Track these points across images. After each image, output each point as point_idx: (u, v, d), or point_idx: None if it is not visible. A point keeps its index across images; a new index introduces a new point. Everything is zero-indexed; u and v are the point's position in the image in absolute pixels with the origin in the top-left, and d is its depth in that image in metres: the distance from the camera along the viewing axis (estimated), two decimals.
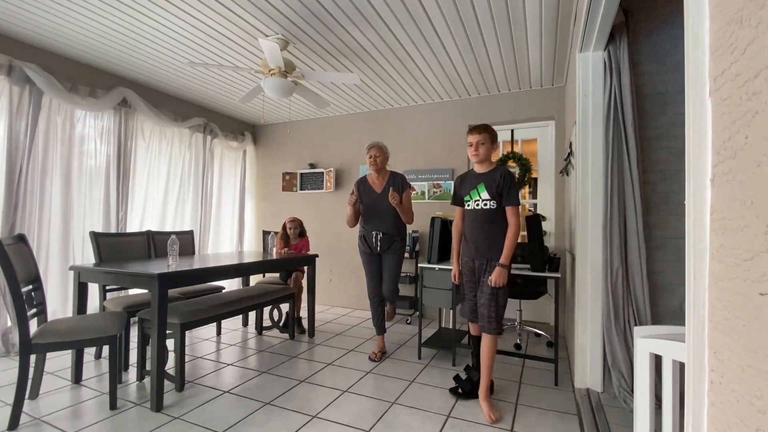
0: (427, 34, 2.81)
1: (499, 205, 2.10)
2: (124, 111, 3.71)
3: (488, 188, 2.11)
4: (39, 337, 1.94)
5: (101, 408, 2.07)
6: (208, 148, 4.67)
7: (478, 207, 2.15)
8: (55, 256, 3.22)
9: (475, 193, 2.16)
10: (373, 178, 2.93)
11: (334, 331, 3.62)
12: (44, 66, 3.10)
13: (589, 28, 2.01)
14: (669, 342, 1.16)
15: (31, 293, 2.14)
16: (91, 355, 2.83)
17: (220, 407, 2.10)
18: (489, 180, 2.12)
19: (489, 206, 2.11)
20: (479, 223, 2.15)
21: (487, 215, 2.12)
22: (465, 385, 2.25)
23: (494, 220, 2.10)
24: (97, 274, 2.35)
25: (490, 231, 2.10)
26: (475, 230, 2.16)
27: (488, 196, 2.11)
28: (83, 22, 2.73)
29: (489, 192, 2.11)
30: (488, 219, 2.12)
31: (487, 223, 2.12)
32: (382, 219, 2.85)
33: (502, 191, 2.07)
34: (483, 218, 2.13)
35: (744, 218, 0.44)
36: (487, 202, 2.12)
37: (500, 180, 2.08)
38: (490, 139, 2.14)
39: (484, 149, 2.13)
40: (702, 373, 0.54)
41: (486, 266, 2.11)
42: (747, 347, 0.43)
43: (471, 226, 2.20)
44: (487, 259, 2.11)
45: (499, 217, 2.10)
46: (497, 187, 2.08)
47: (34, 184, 3.09)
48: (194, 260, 2.83)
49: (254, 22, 2.68)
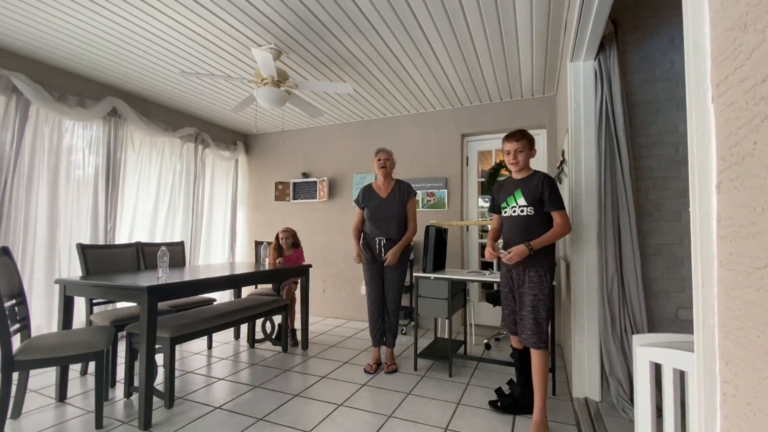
0: (419, 44, 2.83)
1: (537, 212, 2.00)
2: (113, 121, 3.66)
3: (526, 194, 2.03)
4: (22, 354, 1.87)
5: (87, 427, 1.99)
6: (200, 158, 4.63)
7: (515, 213, 2.07)
8: (40, 269, 3.14)
9: (512, 199, 2.08)
10: (378, 184, 2.92)
11: (328, 343, 3.56)
12: (32, 75, 3.06)
13: (580, 38, 2.04)
14: (669, 350, 1.15)
15: (14, 308, 2.06)
16: (77, 371, 2.74)
17: (211, 424, 2.03)
18: (527, 186, 2.04)
19: (526, 213, 2.02)
20: (517, 230, 2.05)
21: (524, 222, 2.03)
22: (506, 400, 2.20)
23: (532, 226, 2.00)
24: (83, 287, 2.28)
25: (529, 237, 1.98)
26: (513, 237, 2.05)
27: (525, 202, 2.02)
28: (72, 31, 2.70)
29: (526, 198, 2.02)
30: (526, 226, 2.02)
31: (524, 231, 2.01)
32: (386, 225, 2.82)
33: (543, 196, 1.98)
34: (520, 225, 2.04)
35: (755, 225, 0.43)
36: (524, 208, 2.03)
37: (539, 185, 1.99)
38: (528, 145, 2.07)
39: (523, 157, 2.05)
40: (713, 385, 0.52)
41: (524, 276, 2.01)
42: (763, 358, 0.42)
43: (508, 233, 2.11)
44: (524, 268, 2.01)
45: (537, 223, 2.00)
46: (536, 192, 1.99)
47: (20, 195, 3.02)
48: (185, 272, 2.77)
49: (247, 32, 2.67)
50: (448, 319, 2.77)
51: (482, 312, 4.10)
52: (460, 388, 2.54)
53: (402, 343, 3.56)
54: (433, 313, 2.79)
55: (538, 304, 1.97)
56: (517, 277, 2.06)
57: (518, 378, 2.23)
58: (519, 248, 1.95)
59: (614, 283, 2.10)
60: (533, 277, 1.99)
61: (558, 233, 1.97)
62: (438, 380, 2.67)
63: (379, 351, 2.93)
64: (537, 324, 1.96)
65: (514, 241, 2.02)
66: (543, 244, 1.95)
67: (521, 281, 2.03)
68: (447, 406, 2.26)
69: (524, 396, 2.17)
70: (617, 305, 2.09)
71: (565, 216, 1.98)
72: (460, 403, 2.31)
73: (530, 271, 2.00)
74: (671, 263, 2.15)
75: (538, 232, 1.98)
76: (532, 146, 2.09)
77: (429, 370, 2.87)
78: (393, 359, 2.91)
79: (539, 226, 2.00)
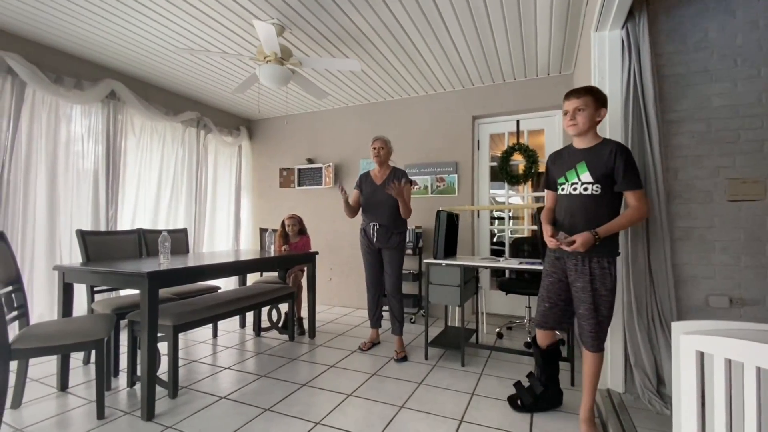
0: (430, 15, 2.66)
1: (605, 191, 1.64)
2: (112, 104, 3.55)
3: (591, 168, 1.65)
4: (19, 342, 1.79)
5: (88, 417, 1.92)
6: (202, 144, 4.51)
7: (576, 192, 1.69)
8: (41, 256, 3.06)
9: (573, 174, 1.70)
10: (375, 172, 2.97)
11: (335, 332, 3.48)
12: (27, 56, 2.94)
13: (608, 4, 1.87)
14: (721, 339, 1.03)
15: (11, 295, 1.98)
16: (79, 360, 2.68)
17: (216, 414, 1.96)
18: (594, 157, 1.66)
19: (591, 191, 1.65)
20: (577, 212, 1.68)
21: (588, 203, 1.65)
22: (526, 396, 1.97)
23: (598, 209, 1.64)
24: (83, 274, 2.19)
25: (593, 223, 1.62)
26: (573, 222, 1.69)
27: (591, 178, 1.64)
28: (68, 9, 2.57)
29: (593, 173, 1.64)
30: (590, 208, 1.65)
31: (588, 214, 1.65)
32: (380, 211, 2.85)
33: (615, 172, 1.61)
34: (583, 206, 1.67)
35: None
36: (588, 186, 1.65)
37: (610, 157, 1.62)
38: (594, 103, 1.65)
39: (584, 117, 1.65)
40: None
41: (584, 267, 1.66)
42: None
43: (565, 215, 1.72)
44: (584, 258, 1.66)
45: (604, 205, 1.64)
46: (606, 166, 1.62)
47: (18, 180, 2.93)
48: (188, 259, 2.68)
49: (249, 6, 2.52)
50: (460, 306, 2.67)
51: (493, 300, 3.99)
52: (473, 377, 2.44)
53: (411, 332, 3.46)
54: (445, 300, 2.68)
55: (600, 301, 1.65)
56: (574, 268, 1.70)
57: (541, 376, 2.00)
58: (585, 236, 1.58)
59: (641, 268, 1.97)
60: (595, 269, 1.65)
61: (633, 218, 1.60)
62: (450, 369, 2.57)
63: (377, 332, 3.08)
64: (599, 325, 1.67)
65: (574, 227, 1.67)
66: (612, 232, 1.60)
67: (580, 273, 1.68)
68: (461, 397, 2.17)
69: (546, 394, 1.99)
70: (644, 293, 1.97)
71: (643, 197, 1.61)
72: (474, 393, 2.21)
73: (592, 261, 1.65)
74: (702, 248, 2.01)
75: (604, 217, 1.63)
76: (601, 106, 1.67)
77: (440, 359, 2.78)
78: (402, 347, 2.83)
79: (607, 209, 1.65)
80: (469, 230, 3.99)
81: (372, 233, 2.86)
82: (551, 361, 1.97)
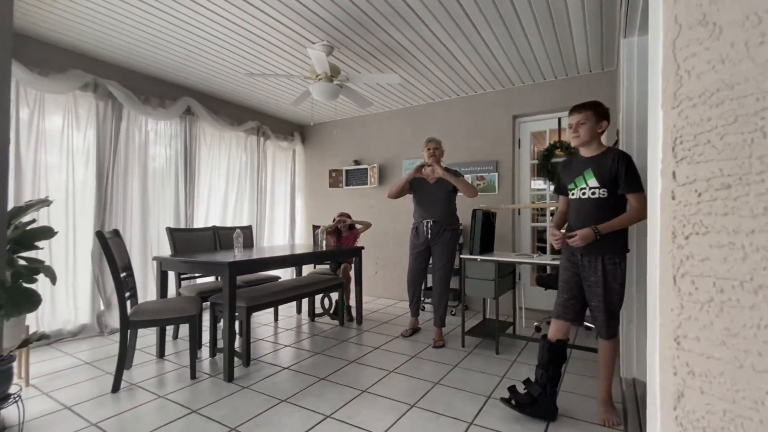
0: (465, 28, 2.86)
1: (611, 194, 1.83)
2: (188, 119, 4.13)
3: (597, 174, 1.84)
4: (134, 315, 2.29)
5: (182, 378, 2.40)
6: (262, 149, 5.04)
7: (585, 196, 1.89)
8: (137, 249, 3.69)
9: (581, 180, 1.90)
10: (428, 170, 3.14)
11: (380, 320, 3.81)
12: (122, 82, 3.54)
13: (632, 12, 1.98)
14: None
15: (126, 279, 2.51)
16: (170, 335, 3.24)
17: (281, 380, 2.36)
18: (598, 164, 1.85)
19: (598, 195, 1.85)
20: (587, 214, 1.87)
21: (596, 205, 1.85)
22: (522, 398, 1.93)
23: (605, 210, 1.83)
24: (176, 263, 2.69)
25: (600, 223, 1.81)
26: (583, 224, 1.86)
27: (597, 183, 1.84)
28: (151, 41, 3.09)
29: (599, 178, 1.84)
30: (598, 210, 1.84)
31: (596, 215, 1.84)
32: (433, 207, 3.07)
33: (618, 177, 1.79)
34: (591, 209, 1.86)
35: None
36: (595, 190, 1.85)
37: (613, 164, 1.79)
38: (594, 116, 1.86)
39: (585, 129, 1.86)
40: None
41: (596, 263, 1.85)
42: None
43: (577, 218, 1.93)
44: (596, 255, 1.85)
45: (611, 207, 1.83)
46: (610, 172, 1.80)
47: (118, 185, 3.56)
48: (254, 251, 3.13)
49: (301, 30, 2.89)
50: (495, 299, 2.86)
51: (533, 295, 4.10)
52: (506, 363, 2.64)
53: (450, 323, 3.70)
54: (480, 293, 2.89)
55: (611, 294, 1.83)
56: (588, 264, 1.89)
57: (542, 375, 1.94)
58: (585, 231, 1.81)
59: None
60: (607, 265, 1.83)
61: (631, 218, 1.78)
62: (485, 356, 2.79)
63: (417, 320, 3.35)
64: (610, 314, 1.85)
65: (584, 227, 1.85)
66: (612, 229, 1.79)
67: (592, 268, 1.87)
68: (491, 379, 2.39)
69: (545, 396, 1.91)
70: None
71: (643, 200, 1.74)
72: (505, 376, 2.43)
73: (603, 257, 1.84)
74: None
75: (611, 217, 1.80)
76: (602, 119, 1.87)
77: (476, 347, 3.00)
78: (441, 336, 3.08)
79: (614, 210, 1.82)
80: (509, 227, 4.12)
81: (425, 230, 3.07)
82: (556, 357, 1.95)
